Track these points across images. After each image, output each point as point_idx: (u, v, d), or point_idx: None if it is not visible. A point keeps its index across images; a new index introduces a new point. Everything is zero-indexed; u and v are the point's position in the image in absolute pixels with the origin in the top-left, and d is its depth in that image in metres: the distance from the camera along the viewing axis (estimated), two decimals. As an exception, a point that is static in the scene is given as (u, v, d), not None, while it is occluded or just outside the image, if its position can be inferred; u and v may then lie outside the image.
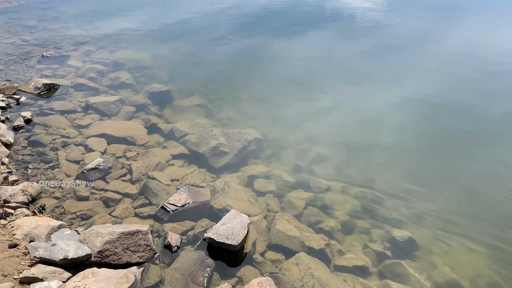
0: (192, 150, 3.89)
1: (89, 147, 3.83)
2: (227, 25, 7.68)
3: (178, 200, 3.07)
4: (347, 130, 4.47)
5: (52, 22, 7.20)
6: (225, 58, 6.24)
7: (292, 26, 7.78)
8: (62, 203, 3.11)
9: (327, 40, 7.16)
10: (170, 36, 7.00)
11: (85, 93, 4.80)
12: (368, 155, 4.06)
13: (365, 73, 5.80)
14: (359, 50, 6.64)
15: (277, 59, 6.27)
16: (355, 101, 5.07)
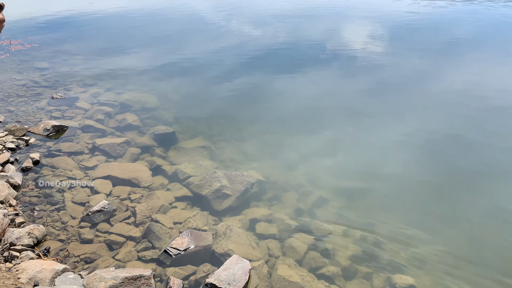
0: (195, 192, 3.96)
1: (95, 189, 3.91)
2: (230, 64, 7.96)
3: (181, 244, 3.11)
4: (349, 171, 4.55)
5: (62, 63, 7.47)
6: (228, 96, 6.43)
7: (294, 65, 8.04)
8: (66, 246, 3.16)
9: (328, 79, 7.38)
10: (176, 74, 7.24)
11: (92, 135, 4.94)
12: (369, 197, 4.11)
13: (367, 111, 5.95)
14: (360, 88, 6.83)
15: (279, 97, 6.45)
16: (357, 139, 5.18)
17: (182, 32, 10.54)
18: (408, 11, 14.11)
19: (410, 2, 16.22)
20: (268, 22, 12.21)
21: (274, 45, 9.48)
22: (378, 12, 14.08)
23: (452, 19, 13.61)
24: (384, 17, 13.26)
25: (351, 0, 16.62)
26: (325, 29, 11.45)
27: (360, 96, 6.48)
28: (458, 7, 15.40)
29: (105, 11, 12.71)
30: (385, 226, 3.70)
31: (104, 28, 10.72)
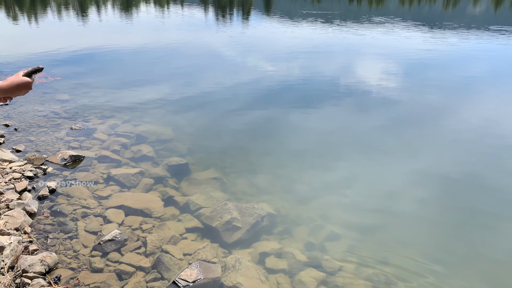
0: (206, 224, 3.97)
1: (107, 218, 3.96)
2: (245, 98, 8.09)
3: (190, 276, 3.10)
4: (362, 206, 4.51)
5: (83, 96, 7.73)
6: (242, 129, 6.52)
7: (307, 100, 8.14)
8: (77, 275, 3.18)
9: (342, 114, 7.43)
10: (191, 108, 7.38)
11: (108, 165, 5.04)
12: (382, 234, 4.06)
13: (381, 147, 5.94)
14: (374, 124, 6.85)
15: (292, 131, 6.51)
16: (370, 175, 5.16)
17: (199, 67, 10.84)
18: (421, 48, 14.30)
19: (423, 39, 16.44)
20: (282, 58, 12.48)
21: (288, 81, 9.66)
22: (391, 49, 14.29)
23: (467, 56, 13.72)
24: (397, 54, 13.44)
25: (364, 37, 16.94)
26: (339, 65, 11.65)
27: (374, 131, 6.50)
28: (472, 44, 15.54)
29: (125, 47, 13.20)
30: (398, 264, 3.63)
31: (123, 62, 11.11)
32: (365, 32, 18.63)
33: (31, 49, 12.03)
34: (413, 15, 30.77)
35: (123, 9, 29.32)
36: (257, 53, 13.30)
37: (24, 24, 18.94)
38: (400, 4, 39.64)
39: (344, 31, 18.82)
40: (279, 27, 20.47)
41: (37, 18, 21.28)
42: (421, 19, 27.57)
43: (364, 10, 33.28)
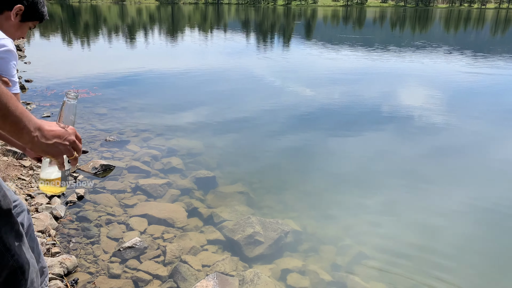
0: (228, 236, 3.86)
1: (130, 226, 3.95)
2: (282, 122, 7.98)
3: (205, 287, 2.99)
4: (397, 232, 4.22)
5: (121, 111, 7.97)
6: (276, 152, 6.37)
7: (346, 126, 7.90)
8: (94, 279, 3.15)
9: (382, 141, 7.11)
10: (226, 128, 7.37)
11: (137, 175, 5.09)
12: (418, 262, 3.75)
13: (423, 176, 5.57)
14: (416, 152, 6.50)
15: (329, 156, 6.28)
16: (410, 204, 4.81)
17: (238, 91, 10.90)
18: (467, 74, 13.78)
19: (469, 66, 15.87)
20: (322, 83, 12.38)
21: (327, 105, 9.50)
22: (435, 75, 13.86)
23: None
24: (442, 80, 13.00)
25: (407, 63, 16.59)
26: (380, 90, 11.36)
27: (416, 159, 6.15)
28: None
29: (168, 71, 13.59)
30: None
31: (165, 85, 11.38)
32: (408, 58, 18.28)
33: (81, 71, 12.61)
34: (459, 41, 29.98)
35: (169, 34, 30.58)
36: (296, 77, 13.30)
37: (77, 47, 20.11)
38: (445, 30, 38.80)
39: (386, 56, 18.54)
40: (320, 53, 20.50)
41: (89, 42, 22.56)
42: (467, 45, 26.78)
43: (407, 36, 32.83)
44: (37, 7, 2.08)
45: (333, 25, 40.87)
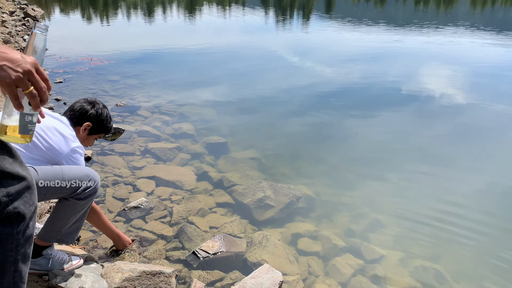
0: (237, 200, 3.71)
1: (137, 187, 3.83)
2: (300, 100, 7.63)
3: (211, 247, 2.85)
4: (414, 206, 3.95)
5: (133, 78, 7.83)
6: (292, 129, 6.04)
7: (366, 105, 7.51)
8: (97, 237, 3.04)
9: (403, 121, 6.73)
10: (242, 104, 7.01)
11: (147, 139, 4.95)
12: (437, 232, 3.52)
13: (443, 156, 5.20)
14: (437, 133, 6.12)
15: (346, 134, 5.93)
16: (428, 181, 4.47)
17: (256, 69, 10.53)
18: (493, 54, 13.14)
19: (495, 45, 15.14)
20: (342, 61, 11.91)
21: (346, 84, 9.08)
22: (460, 54, 13.23)
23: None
24: (466, 60, 12.37)
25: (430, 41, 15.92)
26: (402, 69, 10.88)
27: (437, 141, 5.78)
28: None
29: (186, 47, 13.22)
30: (452, 263, 3.15)
31: (181, 62, 11.04)
32: (432, 36, 17.54)
33: (97, 44, 12.45)
34: (486, 19, 28.72)
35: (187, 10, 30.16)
36: (316, 55, 12.85)
37: (96, 24, 19.94)
38: (471, 8, 37.27)
39: (409, 35, 17.81)
40: (340, 30, 19.86)
41: (108, 19, 22.37)
42: (494, 23, 25.62)
43: (431, 13, 31.65)
44: (103, 124, 2.48)
45: (354, 1, 39.67)
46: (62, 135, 2.17)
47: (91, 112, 2.40)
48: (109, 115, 2.53)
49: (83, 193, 2.14)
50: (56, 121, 2.23)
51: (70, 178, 2.09)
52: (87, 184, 2.15)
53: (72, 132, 2.27)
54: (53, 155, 2.14)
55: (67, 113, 2.41)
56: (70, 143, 2.19)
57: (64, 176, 2.07)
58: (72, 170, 2.14)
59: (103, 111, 2.47)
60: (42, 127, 2.12)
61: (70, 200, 2.15)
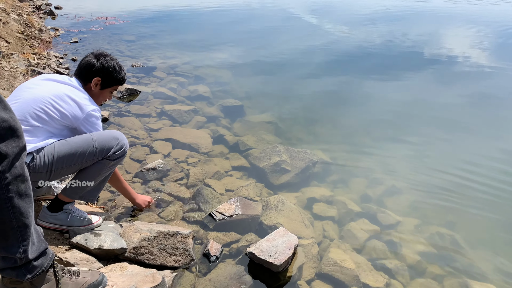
0: (253, 164, 3.71)
1: (154, 149, 3.85)
2: (318, 63, 7.44)
3: (227, 210, 2.87)
4: (432, 172, 3.91)
5: (149, 39, 7.74)
6: (309, 88, 5.95)
7: (384, 69, 7.29)
8: (115, 198, 3.09)
9: (421, 85, 6.51)
10: (259, 65, 6.90)
11: (163, 101, 4.94)
12: (454, 199, 3.49)
13: (463, 123, 5.05)
14: (457, 98, 5.91)
15: (364, 97, 5.78)
16: (446, 147, 4.38)
17: (272, 30, 10.27)
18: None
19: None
20: (361, 22, 11.51)
21: (365, 47, 8.79)
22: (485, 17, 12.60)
23: None
24: (491, 23, 11.81)
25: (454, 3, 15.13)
26: (423, 32, 10.45)
27: (456, 106, 5.60)
28: None
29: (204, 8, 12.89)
30: (467, 229, 3.12)
31: (196, 22, 10.81)
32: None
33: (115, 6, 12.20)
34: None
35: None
36: (335, 16, 12.43)
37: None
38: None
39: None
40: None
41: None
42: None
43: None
44: (112, 76, 2.38)
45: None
46: (75, 101, 2.16)
47: (97, 66, 2.31)
48: (118, 65, 2.42)
49: (114, 155, 2.23)
50: (66, 86, 2.20)
51: (101, 143, 2.16)
52: (116, 147, 2.23)
53: (85, 94, 2.25)
54: (69, 123, 2.16)
55: (76, 71, 2.37)
56: (85, 108, 2.18)
57: (94, 142, 2.15)
58: (101, 135, 2.20)
59: (110, 63, 2.36)
60: (53, 96, 2.11)
61: (100, 161, 2.22)
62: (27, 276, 1.45)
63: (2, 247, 1.38)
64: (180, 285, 2.27)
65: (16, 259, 1.40)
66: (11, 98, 2.13)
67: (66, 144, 2.11)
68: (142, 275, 2.07)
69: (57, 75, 2.30)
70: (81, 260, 2.24)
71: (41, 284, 1.51)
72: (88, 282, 1.64)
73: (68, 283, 1.59)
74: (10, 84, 4.34)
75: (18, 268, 1.44)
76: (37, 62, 5.42)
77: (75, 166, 2.17)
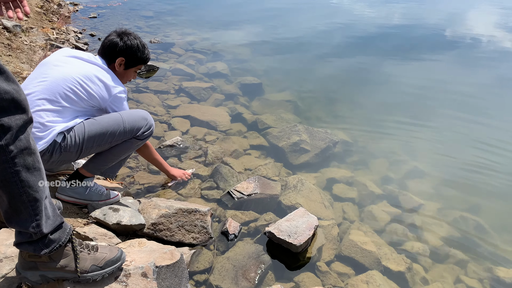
0: (272, 143, 3.65)
1: (172, 125, 3.81)
2: (338, 42, 7.23)
3: (246, 189, 2.83)
4: (457, 152, 3.79)
5: (168, 15, 7.64)
6: (329, 68, 5.80)
7: (405, 50, 7.04)
8: (133, 174, 3.08)
9: (444, 67, 6.27)
10: (278, 44, 6.72)
11: (181, 78, 4.88)
12: (479, 183, 3.38)
13: (488, 106, 4.85)
14: (480, 82, 5.68)
15: (385, 78, 5.61)
16: (471, 132, 4.22)
17: (294, 8, 9.99)
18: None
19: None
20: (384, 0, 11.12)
21: (386, 27, 8.49)
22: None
23: None
24: None
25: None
26: (447, 12, 10.05)
27: (480, 88, 5.38)
28: None
29: None
30: (492, 213, 3.03)
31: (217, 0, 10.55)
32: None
33: None
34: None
35: None
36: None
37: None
38: None
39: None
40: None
41: None
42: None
43: None
44: (136, 56, 2.32)
45: None
46: (103, 82, 2.13)
47: (121, 46, 2.25)
48: (142, 44, 2.35)
49: (143, 135, 2.25)
50: (94, 67, 2.17)
51: (131, 123, 2.17)
52: (145, 127, 2.24)
53: (111, 75, 2.21)
54: (97, 103, 2.14)
55: (100, 50, 2.33)
56: (112, 89, 2.16)
57: (124, 122, 2.14)
58: (131, 115, 2.19)
59: (134, 42, 2.30)
60: (81, 76, 2.08)
61: (129, 140, 2.23)
62: (44, 251, 1.43)
63: (16, 222, 1.36)
64: (198, 263, 2.26)
65: (31, 233, 1.39)
66: (37, 75, 2.09)
67: (96, 123, 2.10)
68: (160, 252, 2.06)
69: (83, 53, 2.26)
70: (99, 235, 2.23)
71: (59, 258, 1.50)
72: (107, 258, 1.62)
73: (87, 258, 1.57)
74: (29, 58, 4.33)
75: (34, 243, 1.42)
76: (56, 37, 5.41)
77: (104, 145, 2.16)
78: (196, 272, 2.21)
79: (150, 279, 1.75)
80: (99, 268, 1.59)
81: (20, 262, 1.50)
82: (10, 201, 1.32)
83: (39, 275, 1.50)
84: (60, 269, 1.51)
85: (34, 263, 1.48)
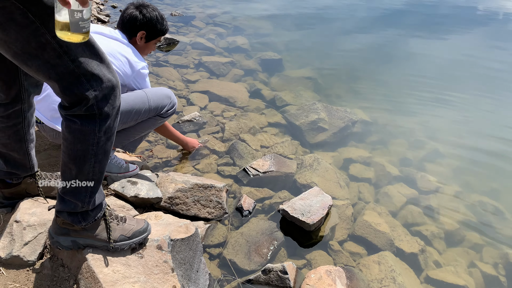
0: (289, 121, 3.63)
1: (191, 100, 3.83)
2: (361, 17, 7.02)
3: (261, 166, 2.85)
4: (478, 135, 3.71)
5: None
6: (352, 43, 5.68)
7: (433, 24, 6.80)
8: (152, 147, 3.14)
9: (473, 43, 6.04)
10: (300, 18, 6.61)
11: (201, 52, 4.86)
12: (499, 167, 3.31)
13: None
14: (509, 58, 5.47)
15: (410, 55, 5.46)
16: (495, 114, 4.12)
17: None
18: None
19: None
20: None
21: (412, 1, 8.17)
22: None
23: None
24: None
25: None
26: None
27: (507, 67, 5.18)
28: None
29: None
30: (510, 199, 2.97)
31: None
32: None
33: None
34: None
35: None
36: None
37: None
38: None
39: None
40: None
41: None
42: None
43: None
44: (156, 28, 2.32)
45: None
46: (126, 58, 2.16)
47: (141, 19, 2.26)
48: (160, 15, 2.35)
49: (167, 113, 2.33)
50: (116, 42, 2.19)
51: (155, 101, 2.23)
52: (169, 105, 2.32)
53: (133, 50, 2.23)
54: (120, 79, 2.16)
55: (119, 25, 2.33)
56: (135, 65, 2.18)
57: (150, 100, 2.21)
58: (155, 93, 2.25)
59: (153, 14, 2.30)
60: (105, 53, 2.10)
61: (153, 117, 2.30)
62: (81, 223, 1.52)
63: (72, 192, 1.44)
64: (212, 237, 2.31)
65: (78, 204, 1.46)
66: None
67: (122, 101, 2.13)
68: (176, 225, 2.11)
69: (104, 28, 2.27)
70: (118, 207, 2.30)
71: (93, 230, 1.57)
72: (134, 229, 1.69)
73: (116, 228, 1.64)
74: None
75: (74, 214, 1.50)
76: (78, 9, 5.42)
77: (130, 122, 2.22)
78: (211, 245, 2.26)
79: (165, 252, 1.80)
80: (127, 238, 1.66)
81: (53, 226, 1.58)
82: (77, 175, 1.42)
83: (70, 241, 1.58)
84: (92, 237, 1.59)
85: (67, 230, 1.56)
